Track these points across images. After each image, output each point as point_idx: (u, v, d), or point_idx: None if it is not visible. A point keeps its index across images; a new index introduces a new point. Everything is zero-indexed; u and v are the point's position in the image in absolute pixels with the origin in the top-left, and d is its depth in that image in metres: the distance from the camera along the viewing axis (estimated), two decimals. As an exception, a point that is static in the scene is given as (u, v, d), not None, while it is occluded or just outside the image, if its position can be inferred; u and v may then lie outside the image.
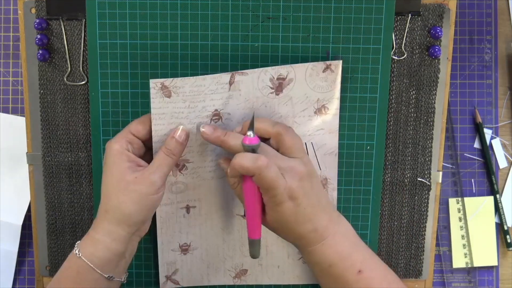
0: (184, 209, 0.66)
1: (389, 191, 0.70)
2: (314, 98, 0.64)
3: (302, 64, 0.63)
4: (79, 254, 0.58)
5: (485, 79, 0.74)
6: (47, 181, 0.69)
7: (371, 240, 0.69)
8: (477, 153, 0.75)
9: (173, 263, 0.68)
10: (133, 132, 0.60)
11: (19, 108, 0.73)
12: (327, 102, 0.64)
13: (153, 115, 0.60)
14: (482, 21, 0.74)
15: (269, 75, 0.62)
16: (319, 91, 0.64)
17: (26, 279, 0.74)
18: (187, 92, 0.60)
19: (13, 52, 0.73)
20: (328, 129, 0.65)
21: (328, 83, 0.64)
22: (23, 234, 0.73)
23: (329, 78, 0.64)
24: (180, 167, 0.64)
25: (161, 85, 0.59)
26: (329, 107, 0.65)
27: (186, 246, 0.67)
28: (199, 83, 0.60)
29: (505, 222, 0.74)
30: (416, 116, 0.69)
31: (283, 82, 0.63)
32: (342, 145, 0.67)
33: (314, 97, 0.64)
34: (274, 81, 0.63)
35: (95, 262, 0.58)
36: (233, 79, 0.61)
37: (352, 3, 0.65)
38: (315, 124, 0.65)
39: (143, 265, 0.69)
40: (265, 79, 0.62)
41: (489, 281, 0.75)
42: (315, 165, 0.65)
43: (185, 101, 0.60)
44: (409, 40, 0.68)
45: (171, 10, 0.65)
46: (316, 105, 0.64)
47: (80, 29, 0.67)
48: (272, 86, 0.63)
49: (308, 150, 0.65)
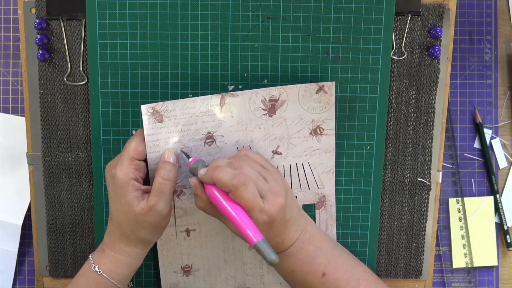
0: (184, 232, 0.66)
1: (389, 191, 0.70)
2: (309, 119, 0.64)
3: (294, 86, 0.63)
4: (100, 271, 0.60)
5: (485, 79, 0.74)
6: (47, 181, 0.69)
7: (371, 240, 0.69)
8: (477, 153, 0.75)
9: (176, 284, 0.68)
10: (135, 157, 0.59)
11: (19, 108, 0.73)
12: (322, 122, 0.64)
13: (147, 143, 0.60)
14: (482, 21, 0.74)
15: (261, 97, 0.62)
16: (313, 112, 0.64)
17: (26, 279, 0.74)
18: (179, 115, 0.60)
19: (13, 52, 0.73)
20: (324, 149, 0.65)
21: (322, 104, 0.64)
22: (23, 234, 0.73)
23: (322, 100, 0.63)
24: (177, 193, 0.64)
25: (153, 110, 0.59)
26: (324, 127, 0.65)
27: (188, 267, 0.68)
28: (189, 105, 0.60)
29: (505, 222, 0.74)
30: (416, 116, 0.69)
31: (276, 104, 0.63)
32: (342, 145, 0.67)
33: (308, 118, 0.64)
34: (266, 102, 0.62)
35: (116, 279, 0.60)
36: (223, 101, 0.61)
37: (352, 3, 0.65)
38: (311, 145, 0.65)
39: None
40: (256, 101, 0.62)
41: (489, 281, 0.75)
42: (311, 183, 0.66)
43: (177, 125, 0.60)
44: (409, 40, 0.68)
45: (171, 10, 0.65)
46: (311, 126, 0.64)
47: (80, 29, 0.67)
48: (265, 108, 0.63)
49: (305, 169, 0.66)
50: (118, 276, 0.60)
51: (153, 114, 0.59)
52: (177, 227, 0.66)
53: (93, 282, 0.60)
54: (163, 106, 0.59)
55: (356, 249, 0.70)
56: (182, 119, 0.60)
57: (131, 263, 0.61)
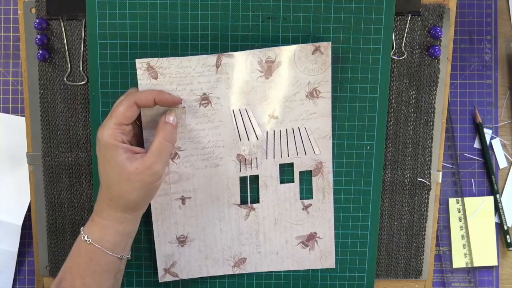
0: (179, 200, 0.66)
1: (389, 191, 0.70)
2: (305, 81, 0.63)
3: (290, 46, 0.62)
4: (88, 240, 0.58)
5: (485, 79, 0.74)
6: (47, 181, 0.69)
7: (371, 240, 0.69)
8: (477, 153, 0.75)
9: (171, 255, 0.68)
10: (123, 122, 0.58)
11: (19, 108, 0.73)
12: (318, 85, 0.64)
13: None
14: (482, 21, 0.74)
15: (257, 58, 0.62)
16: (309, 74, 0.63)
17: (26, 279, 0.74)
18: (174, 74, 0.60)
19: (13, 52, 0.73)
20: (320, 112, 0.65)
21: (318, 65, 0.63)
22: (23, 234, 0.73)
23: (319, 60, 0.63)
24: (172, 155, 0.63)
25: (147, 66, 0.59)
26: (321, 90, 0.64)
27: (183, 237, 0.67)
28: (184, 64, 0.60)
29: (505, 222, 0.74)
30: (416, 116, 0.69)
31: (272, 65, 0.62)
32: (342, 145, 0.67)
33: (304, 80, 0.63)
34: (263, 64, 0.62)
35: (106, 246, 0.59)
36: (219, 62, 0.61)
37: (352, 3, 0.65)
38: (307, 108, 0.64)
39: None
40: (253, 62, 0.62)
41: (489, 281, 0.75)
42: (308, 148, 0.65)
43: (172, 83, 0.60)
44: (409, 40, 0.68)
45: (171, 10, 0.65)
46: (307, 88, 0.64)
47: (80, 29, 0.67)
48: (261, 70, 0.62)
49: (302, 134, 0.65)
50: (108, 243, 0.59)
51: (148, 69, 0.59)
52: (172, 195, 0.65)
53: (85, 252, 0.59)
54: (158, 62, 0.59)
55: (356, 249, 0.70)
56: (177, 78, 0.60)
57: (120, 229, 0.59)
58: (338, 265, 0.70)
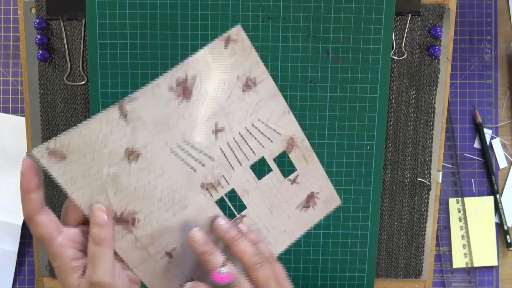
0: (165, 256, 0.56)
1: (389, 191, 0.70)
2: (233, 78, 0.54)
3: (196, 55, 0.53)
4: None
5: (485, 79, 0.74)
6: (47, 181, 0.69)
7: (371, 240, 0.69)
8: (477, 153, 0.75)
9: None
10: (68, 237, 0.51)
11: (19, 108, 0.73)
12: (250, 72, 0.55)
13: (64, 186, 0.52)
14: (482, 21, 0.74)
15: (166, 86, 0.53)
16: (233, 69, 0.54)
17: (26, 279, 0.74)
18: (81, 144, 0.51)
19: (13, 52, 0.73)
20: (267, 96, 0.56)
21: (238, 55, 0.54)
22: (23, 234, 0.73)
23: (236, 50, 0.54)
24: (130, 222, 0.54)
25: (48, 151, 0.50)
26: (255, 75, 0.55)
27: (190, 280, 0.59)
28: (85, 132, 0.51)
29: (505, 222, 0.74)
30: (416, 116, 0.69)
31: (187, 84, 0.53)
32: (342, 145, 0.67)
33: (232, 78, 0.54)
34: (176, 88, 0.53)
35: None
36: (123, 111, 0.52)
37: (352, 3, 0.65)
38: (251, 101, 0.56)
39: None
40: (163, 93, 0.53)
41: (489, 281, 0.75)
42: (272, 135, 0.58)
43: (85, 155, 0.51)
44: (409, 40, 0.68)
45: (171, 10, 0.65)
46: (239, 83, 0.55)
47: (80, 29, 0.67)
48: (177, 95, 0.53)
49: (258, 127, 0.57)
50: None
51: (50, 154, 0.50)
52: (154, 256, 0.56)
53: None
54: (57, 143, 0.50)
55: (356, 249, 0.70)
56: (87, 147, 0.51)
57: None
58: (338, 265, 0.70)
